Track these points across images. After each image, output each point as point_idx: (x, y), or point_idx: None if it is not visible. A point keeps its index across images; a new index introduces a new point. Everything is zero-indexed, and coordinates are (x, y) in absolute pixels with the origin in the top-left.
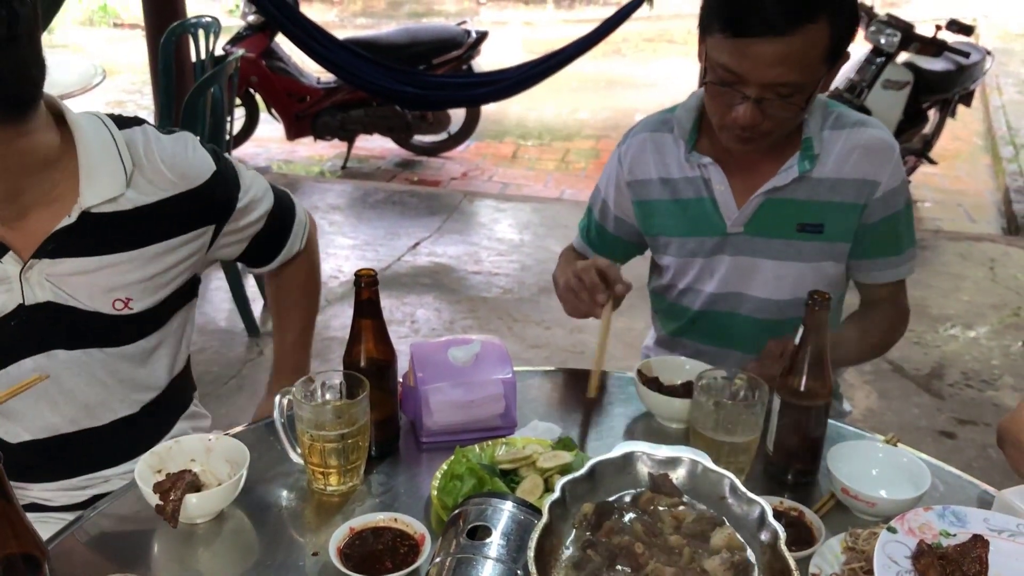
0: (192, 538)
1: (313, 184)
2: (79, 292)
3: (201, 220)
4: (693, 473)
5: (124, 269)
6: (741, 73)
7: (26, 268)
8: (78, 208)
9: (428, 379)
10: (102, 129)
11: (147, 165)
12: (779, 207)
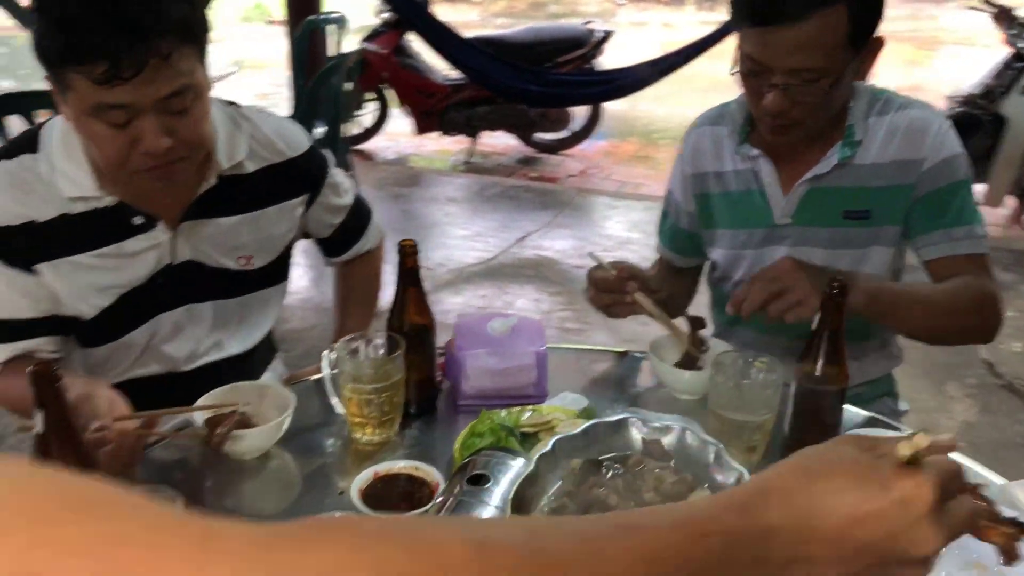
0: (239, 472)
1: (435, 177)
2: (212, 250)
3: (301, 188)
4: (682, 440)
5: (247, 229)
6: (764, 61)
7: (176, 233)
8: (215, 173)
9: (466, 346)
10: (220, 105)
11: (259, 135)
12: (824, 196)
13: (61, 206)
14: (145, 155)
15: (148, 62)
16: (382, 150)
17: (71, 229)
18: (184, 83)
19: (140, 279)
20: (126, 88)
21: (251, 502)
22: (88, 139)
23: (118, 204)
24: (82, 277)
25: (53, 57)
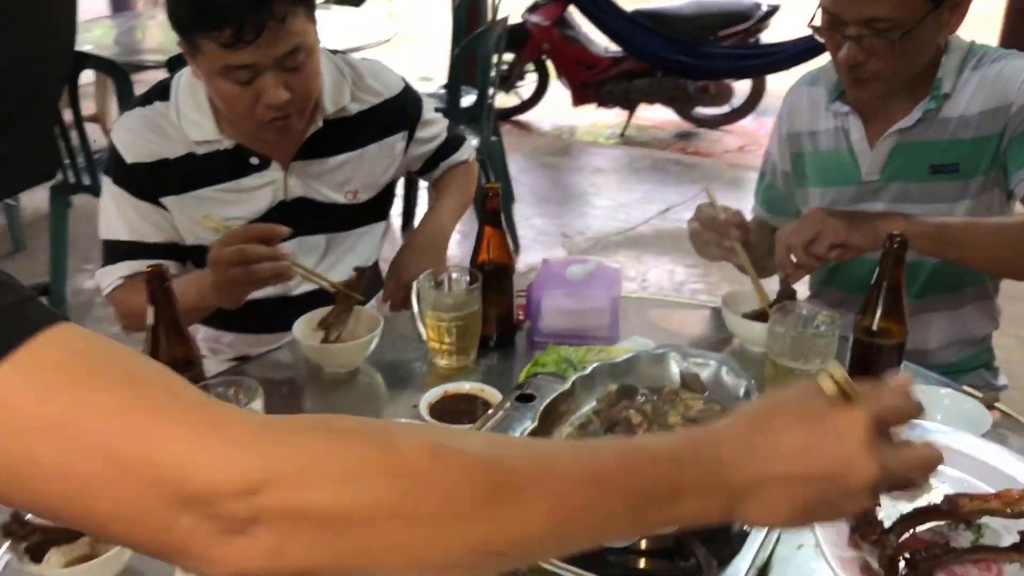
0: (332, 384)
1: (587, 148)
2: (321, 186)
3: (399, 125)
4: (718, 375)
5: (352, 166)
6: (837, 12)
7: (288, 172)
8: (321, 117)
9: (544, 287)
10: (327, 55)
11: (360, 80)
12: (910, 150)
13: (188, 147)
14: (267, 108)
15: (267, 25)
16: (539, 121)
17: (196, 167)
18: (298, 42)
19: (257, 213)
20: (249, 50)
21: (338, 410)
22: (217, 96)
23: (236, 146)
24: (206, 209)
25: (185, 24)
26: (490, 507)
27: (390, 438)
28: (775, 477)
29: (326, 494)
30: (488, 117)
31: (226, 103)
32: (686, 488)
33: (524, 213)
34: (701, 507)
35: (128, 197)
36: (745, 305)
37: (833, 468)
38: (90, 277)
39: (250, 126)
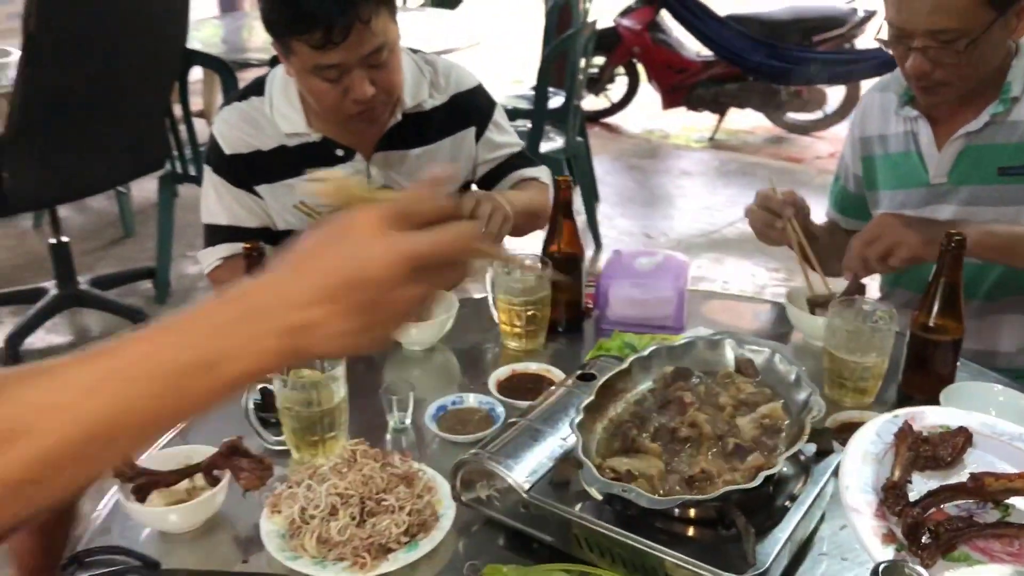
0: (411, 360)
1: (674, 151)
2: (400, 177)
3: (469, 120)
4: (771, 361)
5: (428, 158)
6: (902, 25)
7: (370, 162)
8: (400, 111)
9: (612, 277)
10: (408, 53)
11: (437, 78)
12: (978, 153)
13: (280, 139)
14: (354, 102)
15: (353, 27)
16: (628, 123)
17: (287, 158)
18: (381, 41)
19: None
20: (337, 50)
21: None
22: (308, 92)
23: (323, 139)
24: (296, 197)
25: (279, 29)
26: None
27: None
28: (315, 304)
29: None
30: (574, 118)
31: (317, 98)
32: (227, 352)
33: (608, 213)
34: (255, 359)
35: (226, 185)
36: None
37: (350, 270)
38: (194, 262)
39: (339, 119)
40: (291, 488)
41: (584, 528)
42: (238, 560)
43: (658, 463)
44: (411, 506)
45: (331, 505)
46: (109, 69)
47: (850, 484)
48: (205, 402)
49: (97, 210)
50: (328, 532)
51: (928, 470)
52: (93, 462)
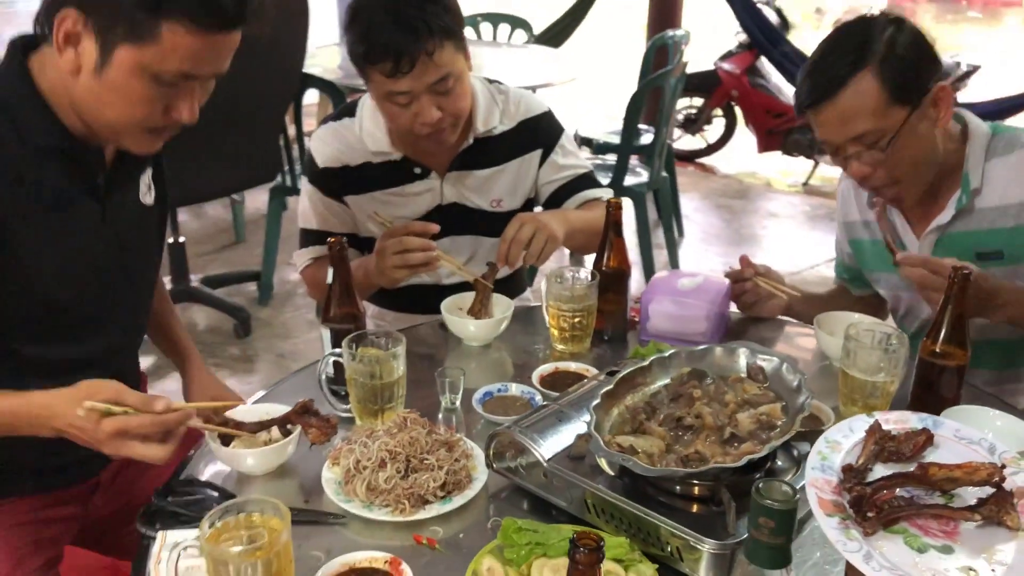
0: (468, 353)
1: (764, 193)
2: (471, 195)
3: (536, 144)
4: (779, 369)
5: (496, 178)
6: (826, 139)
7: (444, 180)
8: (472, 135)
9: (652, 293)
10: (484, 83)
11: (508, 106)
12: (953, 241)
13: (366, 156)
14: (423, 124)
15: (419, 59)
16: (722, 164)
17: (372, 173)
18: (446, 72)
19: (417, 214)
20: (406, 79)
21: (476, 373)
22: (384, 114)
23: (403, 158)
24: (378, 208)
25: (359, 59)
26: None
27: None
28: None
29: None
30: (660, 154)
31: (391, 120)
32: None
33: (691, 249)
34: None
35: (319, 194)
36: (836, 326)
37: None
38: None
39: (412, 139)
40: (350, 445)
41: (595, 496)
42: (300, 501)
43: (660, 443)
44: (449, 467)
45: (381, 459)
46: (232, 87)
47: (815, 465)
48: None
49: (213, 217)
50: (376, 481)
51: (890, 462)
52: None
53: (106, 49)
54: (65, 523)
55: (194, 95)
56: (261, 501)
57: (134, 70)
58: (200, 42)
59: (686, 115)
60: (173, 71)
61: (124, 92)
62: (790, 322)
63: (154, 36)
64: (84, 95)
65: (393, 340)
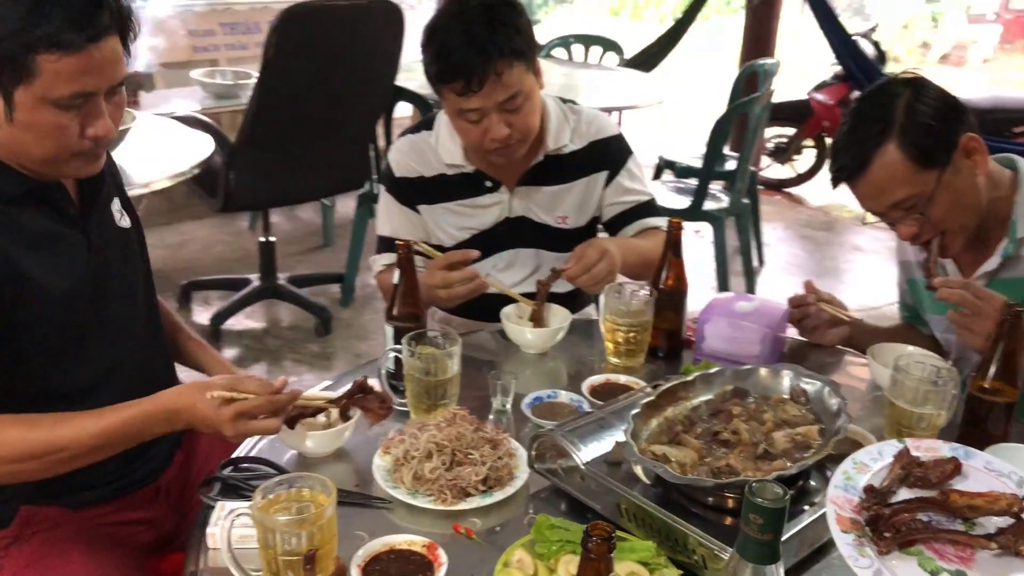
0: (526, 360)
1: (851, 226)
2: (538, 210)
3: (603, 164)
4: (820, 392)
5: (564, 196)
6: (869, 210)
7: (513, 194)
8: (543, 152)
9: (708, 314)
10: (558, 103)
11: (579, 125)
12: (1003, 286)
13: (440, 168)
14: (492, 140)
15: (488, 79)
16: (810, 195)
17: (445, 184)
18: (515, 91)
19: (486, 225)
20: (476, 97)
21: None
22: (457, 130)
23: (476, 171)
24: (449, 218)
25: (433, 78)
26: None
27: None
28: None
29: None
30: (742, 181)
31: (462, 136)
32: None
33: (771, 277)
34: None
35: (395, 202)
36: (890, 357)
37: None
38: None
39: (482, 154)
40: (401, 436)
41: (629, 502)
42: (352, 484)
43: (693, 455)
44: (491, 463)
45: (428, 451)
46: (328, 97)
47: (839, 484)
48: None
49: (304, 220)
50: (422, 471)
51: (916, 487)
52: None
53: (7, 98)
54: (136, 524)
55: (101, 111)
56: (311, 478)
57: (35, 105)
58: (74, 61)
59: (776, 144)
60: (67, 93)
61: (37, 128)
62: (850, 352)
63: (36, 71)
64: (11, 144)
65: (450, 340)
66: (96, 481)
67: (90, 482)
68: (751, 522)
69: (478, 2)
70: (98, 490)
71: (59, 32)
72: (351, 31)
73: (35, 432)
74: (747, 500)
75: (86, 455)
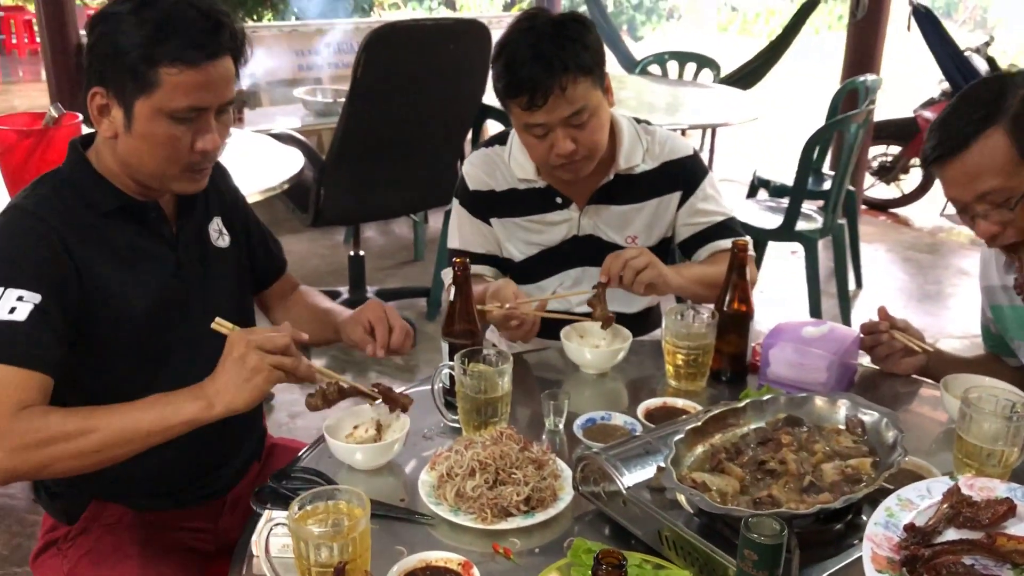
0: (587, 381)
1: (957, 249)
2: (608, 229)
3: (676, 185)
4: (878, 424)
5: (635, 216)
6: (953, 196)
7: (582, 212)
8: (614, 171)
9: (773, 338)
10: (631, 122)
11: (652, 145)
12: None
13: (512, 183)
14: (557, 156)
15: (552, 94)
16: (915, 216)
17: (516, 199)
18: (580, 106)
19: (554, 242)
20: (541, 112)
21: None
22: (524, 146)
23: (547, 187)
24: (518, 233)
25: (500, 93)
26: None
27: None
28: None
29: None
30: (838, 200)
31: (529, 150)
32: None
33: (868, 301)
34: (196, 410)
35: (467, 215)
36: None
37: (226, 360)
38: None
39: (548, 169)
40: (448, 452)
41: (671, 529)
42: (397, 499)
43: (735, 484)
44: (535, 483)
45: (471, 468)
46: (416, 114)
47: (880, 520)
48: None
49: (398, 234)
50: (464, 488)
51: (965, 528)
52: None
53: (128, 108)
54: (200, 532)
55: (211, 126)
56: (348, 491)
57: (152, 116)
58: (193, 76)
59: (880, 163)
60: (183, 106)
61: (152, 138)
62: (925, 382)
63: (158, 83)
64: (126, 154)
65: (502, 358)
66: (166, 488)
67: (160, 488)
68: (746, 558)
69: (547, 18)
70: (166, 498)
71: (182, 48)
72: (439, 50)
73: (72, 416)
74: (742, 535)
75: (117, 437)
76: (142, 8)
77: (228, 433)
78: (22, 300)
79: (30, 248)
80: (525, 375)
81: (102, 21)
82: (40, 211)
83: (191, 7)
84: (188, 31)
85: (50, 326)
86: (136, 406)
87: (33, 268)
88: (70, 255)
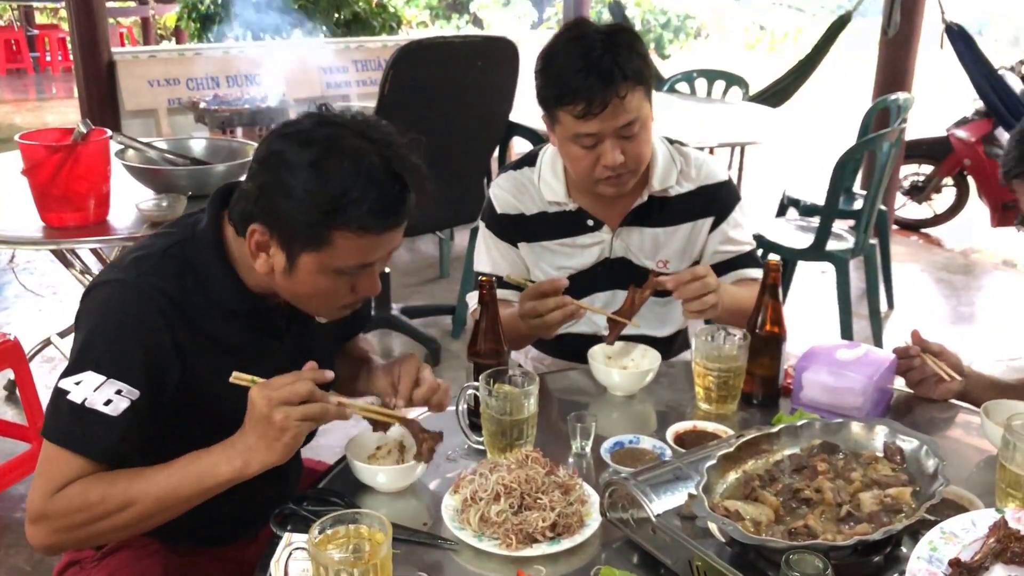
0: (615, 403)
1: (992, 271)
2: (639, 252)
3: (709, 211)
4: (918, 452)
5: (667, 239)
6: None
7: (614, 235)
8: (647, 193)
9: (808, 361)
10: (665, 143)
11: (687, 169)
12: None
13: (542, 206)
14: (604, 168)
15: (610, 102)
16: (948, 236)
17: (546, 222)
18: (634, 116)
19: (585, 265)
20: (595, 121)
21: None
22: (567, 158)
23: (578, 209)
24: (548, 256)
25: (549, 101)
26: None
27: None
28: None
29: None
30: (869, 220)
31: (573, 163)
32: (219, 472)
33: (900, 322)
34: (231, 471)
35: (494, 238)
36: (1006, 415)
37: (252, 419)
38: None
39: (590, 184)
40: (472, 475)
41: (702, 559)
42: (420, 523)
43: (769, 512)
44: (561, 509)
45: (496, 493)
46: (443, 132)
47: (922, 555)
48: (211, 492)
49: (424, 252)
50: (488, 513)
51: (1013, 564)
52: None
53: (292, 257)
54: (228, 562)
55: (375, 273)
56: (369, 515)
57: (318, 270)
58: (369, 241)
59: (912, 182)
60: (351, 265)
61: (313, 286)
62: (963, 407)
63: (330, 243)
64: (281, 288)
65: (528, 379)
66: (205, 533)
67: (198, 533)
68: None
69: (595, 28)
70: (204, 541)
71: (365, 216)
72: (466, 67)
73: (111, 490)
74: (783, 572)
75: (156, 507)
76: (325, 161)
77: (271, 474)
78: (120, 394)
79: (138, 337)
80: (551, 396)
81: (278, 165)
82: (153, 293)
83: (381, 163)
84: (376, 199)
85: (139, 424)
86: (173, 472)
87: (139, 362)
88: (177, 348)
